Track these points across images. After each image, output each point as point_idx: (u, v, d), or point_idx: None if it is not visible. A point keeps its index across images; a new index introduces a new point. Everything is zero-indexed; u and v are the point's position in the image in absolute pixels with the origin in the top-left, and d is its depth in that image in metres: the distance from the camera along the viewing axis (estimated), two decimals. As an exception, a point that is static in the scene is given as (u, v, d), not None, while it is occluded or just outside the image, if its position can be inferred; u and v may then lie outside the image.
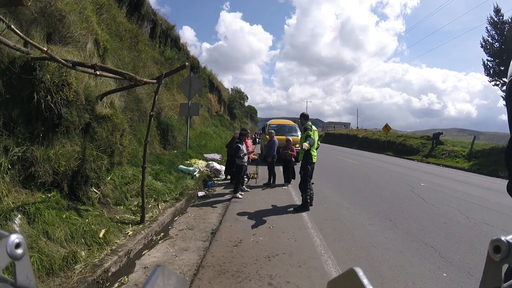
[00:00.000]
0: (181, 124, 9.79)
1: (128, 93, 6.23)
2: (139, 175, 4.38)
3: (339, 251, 3.23)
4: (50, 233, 2.61)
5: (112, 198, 3.92)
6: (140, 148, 5.17)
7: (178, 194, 5.13)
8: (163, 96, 8.89)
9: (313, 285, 2.50)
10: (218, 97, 23.82)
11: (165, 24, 12.68)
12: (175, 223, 4.18)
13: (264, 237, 3.60)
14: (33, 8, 3.36)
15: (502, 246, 0.23)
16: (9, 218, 2.44)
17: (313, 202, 5.13)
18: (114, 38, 6.70)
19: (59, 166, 3.12)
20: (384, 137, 23.26)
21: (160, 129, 8.04)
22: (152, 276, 0.22)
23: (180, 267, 2.83)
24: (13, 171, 2.76)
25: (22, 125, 2.94)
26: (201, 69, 17.78)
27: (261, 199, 5.67)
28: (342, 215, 4.61)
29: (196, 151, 9.50)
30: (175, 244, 3.40)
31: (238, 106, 32.80)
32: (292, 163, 7.14)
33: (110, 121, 3.98)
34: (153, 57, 10.21)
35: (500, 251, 0.23)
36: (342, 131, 43.15)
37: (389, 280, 2.58)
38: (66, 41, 3.86)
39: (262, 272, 2.70)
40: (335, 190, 6.62)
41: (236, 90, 35.52)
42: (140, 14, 10.02)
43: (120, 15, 8.25)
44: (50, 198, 2.98)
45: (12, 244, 0.21)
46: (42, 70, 3.06)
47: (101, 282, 2.43)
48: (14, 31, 2.63)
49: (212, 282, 2.52)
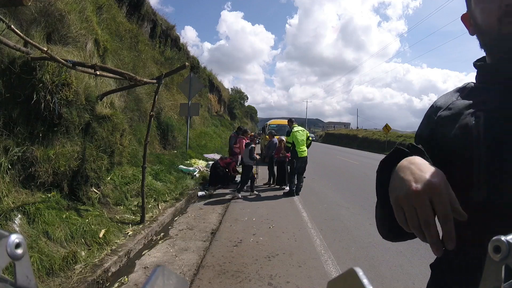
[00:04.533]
0: (181, 124, 9.79)
1: (128, 93, 6.23)
2: (139, 175, 4.37)
3: (339, 251, 3.23)
4: (50, 233, 2.61)
5: (112, 198, 3.92)
6: (140, 148, 5.17)
7: (178, 194, 5.13)
8: (163, 96, 8.88)
9: (313, 285, 2.50)
10: (218, 97, 23.82)
11: (165, 24, 12.68)
12: (175, 223, 4.18)
13: (264, 237, 3.60)
14: (33, 8, 3.36)
15: (502, 246, 0.23)
16: (9, 218, 2.44)
17: (313, 202, 5.24)
18: (114, 38, 6.70)
19: (59, 166, 3.12)
20: (384, 137, 23.27)
21: (160, 129, 8.03)
22: (152, 276, 0.22)
23: (180, 267, 2.83)
24: (13, 171, 2.76)
25: (22, 125, 2.94)
26: (201, 69, 17.78)
27: (261, 199, 5.67)
28: (342, 215, 4.62)
29: (196, 151, 9.50)
30: (175, 244, 3.40)
31: (238, 106, 32.80)
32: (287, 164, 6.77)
33: (110, 121, 3.98)
34: (153, 57, 10.21)
35: (500, 251, 0.23)
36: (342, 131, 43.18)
37: (389, 280, 2.58)
38: (66, 41, 3.86)
39: (262, 272, 2.71)
40: (335, 190, 6.62)
41: (236, 90, 35.51)
42: (140, 14, 10.01)
43: (120, 15, 8.25)
44: (50, 198, 2.98)
45: (12, 244, 0.21)
46: (42, 70, 3.05)
47: (101, 282, 2.43)
48: (14, 31, 2.63)
49: (212, 282, 2.52)
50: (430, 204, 0.43)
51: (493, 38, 0.56)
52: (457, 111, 0.60)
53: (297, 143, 5.86)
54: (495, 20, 0.54)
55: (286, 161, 6.71)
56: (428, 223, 0.43)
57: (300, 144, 5.87)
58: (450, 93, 0.67)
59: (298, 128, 6.10)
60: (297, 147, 5.84)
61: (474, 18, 0.59)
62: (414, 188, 0.44)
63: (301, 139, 5.92)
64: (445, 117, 0.61)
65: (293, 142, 5.90)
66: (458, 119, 0.58)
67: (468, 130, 0.55)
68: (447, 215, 0.42)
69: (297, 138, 5.86)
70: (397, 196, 0.47)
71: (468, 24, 0.63)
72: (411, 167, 0.48)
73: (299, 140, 5.88)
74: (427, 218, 0.43)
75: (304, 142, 5.98)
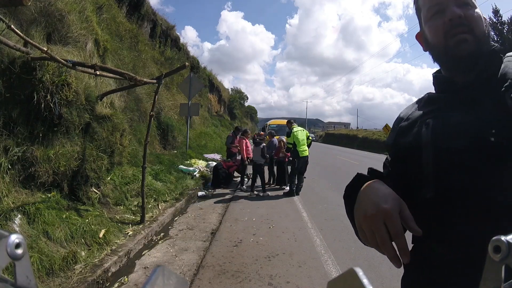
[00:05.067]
0: (181, 124, 9.78)
1: (128, 93, 6.23)
2: (139, 175, 4.37)
3: (339, 251, 3.23)
4: (50, 233, 2.60)
5: (112, 198, 3.92)
6: (140, 148, 5.17)
7: (178, 194, 5.13)
8: (163, 96, 8.89)
9: (313, 285, 2.50)
10: (218, 97, 23.81)
11: (165, 24, 12.68)
12: (175, 223, 4.18)
13: (264, 237, 3.60)
14: (33, 8, 3.36)
15: (502, 246, 0.23)
16: (9, 218, 2.44)
17: (313, 202, 5.24)
18: (114, 38, 6.70)
19: (59, 166, 3.12)
20: (384, 137, 23.28)
21: (160, 129, 8.03)
22: (152, 276, 0.22)
23: (180, 267, 2.83)
24: (13, 171, 2.76)
25: (22, 125, 2.94)
26: (201, 69, 17.78)
27: (261, 199, 5.67)
28: (342, 215, 4.59)
29: (196, 151, 9.49)
30: (175, 244, 3.40)
31: (238, 106, 32.78)
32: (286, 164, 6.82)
33: (110, 121, 3.98)
34: (153, 57, 10.21)
35: (500, 251, 0.23)
36: (342, 131, 43.17)
37: (389, 280, 2.58)
38: (66, 41, 3.86)
39: (262, 272, 2.71)
40: (335, 190, 6.62)
41: (236, 90, 35.49)
42: (140, 14, 10.01)
43: (120, 15, 8.25)
44: (50, 198, 2.98)
45: (12, 244, 0.21)
46: (42, 70, 3.05)
47: (101, 282, 2.43)
48: (14, 31, 2.62)
49: (212, 282, 2.52)
50: (385, 226, 0.49)
51: (441, 52, 0.62)
52: (413, 121, 0.66)
53: (298, 142, 5.91)
54: (441, 35, 0.59)
55: (285, 161, 6.72)
56: (384, 242, 0.49)
57: (301, 143, 5.93)
58: (411, 104, 0.74)
59: (298, 128, 6.18)
60: (298, 147, 5.90)
61: (425, 36, 0.66)
62: (369, 214, 0.52)
63: (302, 139, 5.98)
64: (403, 127, 0.68)
65: (294, 142, 5.95)
66: (413, 128, 0.65)
67: (419, 136, 0.61)
68: (398, 235, 0.48)
69: (297, 138, 5.94)
70: (358, 220, 0.55)
71: (421, 42, 0.69)
72: (368, 193, 0.55)
73: (300, 140, 5.94)
74: (382, 239, 0.49)
75: (305, 141, 6.04)
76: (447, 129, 0.57)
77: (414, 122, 0.66)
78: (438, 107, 0.63)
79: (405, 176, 0.63)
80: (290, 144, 6.09)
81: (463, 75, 0.61)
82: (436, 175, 0.56)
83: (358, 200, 0.57)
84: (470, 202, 0.52)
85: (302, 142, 5.97)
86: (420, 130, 0.61)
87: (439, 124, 0.59)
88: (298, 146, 5.90)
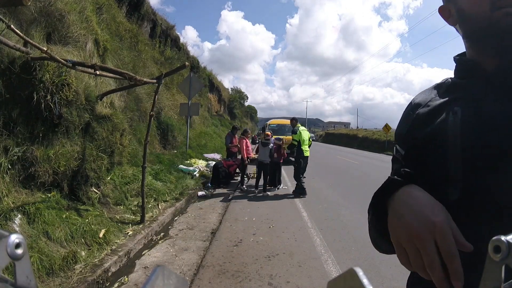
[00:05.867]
0: (181, 124, 9.78)
1: (128, 93, 6.23)
2: (139, 175, 4.37)
3: (339, 251, 3.23)
4: (50, 233, 2.60)
5: (112, 198, 3.92)
6: (140, 148, 5.17)
7: (178, 194, 5.13)
8: (163, 96, 8.88)
9: (313, 285, 2.50)
10: (218, 97, 23.81)
11: (165, 24, 12.67)
12: (175, 223, 4.18)
13: (264, 237, 3.60)
14: (33, 8, 3.36)
15: (502, 246, 0.23)
16: (9, 218, 2.44)
17: (313, 202, 5.23)
18: (114, 38, 6.70)
19: (59, 166, 3.12)
20: (384, 137, 23.27)
21: (160, 129, 8.03)
22: (152, 276, 0.22)
23: (180, 267, 2.83)
24: (13, 171, 2.76)
25: (22, 125, 2.94)
26: (201, 69, 17.78)
27: (261, 199, 5.67)
28: (342, 215, 4.62)
29: (196, 151, 9.50)
30: (175, 244, 3.40)
31: (238, 106, 32.77)
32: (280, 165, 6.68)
33: (110, 121, 3.98)
34: (153, 57, 10.20)
35: (500, 251, 0.23)
36: (342, 131, 43.18)
37: (389, 280, 2.58)
38: (66, 41, 3.86)
39: (262, 272, 2.71)
40: (335, 190, 6.62)
41: (236, 90, 35.49)
42: (140, 14, 10.01)
43: (120, 15, 8.25)
44: (50, 198, 2.98)
45: (12, 244, 0.21)
46: (42, 70, 3.05)
47: (101, 282, 2.43)
48: (14, 31, 2.62)
49: (212, 282, 2.52)
50: (435, 245, 0.40)
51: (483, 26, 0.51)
52: (434, 108, 0.57)
53: (303, 142, 5.93)
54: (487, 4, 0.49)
55: (280, 162, 6.58)
56: (433, 265, 0.39)
57: (305, 143, 5.97)
58: (428, 89, 0.64)
59: (303, 127, 6.20)
60: (302, 145, 5.92)
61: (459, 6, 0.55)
62: (416, 230, 0.41)
63: (306, 139, 6.03)
64: (422, 114, 0.59)
65: (299, 140, 5.94)
66: (436, 116, 0.56)
67: (445, 126, 0.52)
68: (453, 256, 0.39)
69: (303, 137, 5.95)
70: (397, 238, 0.44)
71: (447, 15, 0.59)
72: (409, 203, 0.45)
73: (305, 139, 5.97)
74: (432, 261, 0.39)
75: (307, 142, 6.08)
76: (479, 121, 0.49)
77: (435, 109, 0.56)
78: (465, 95, 0.54)
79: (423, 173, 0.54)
80: (295, 141, 6.04)
81: (497, 57, 0.52)
82: (465, 174, 0.49)
83: (393, 211, 0.47)
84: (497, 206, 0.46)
85: (306, 142, 6.01)
86: (446, 120, 0.53)
87: (470, 113, 0.50)
88: (303, 145, 5.93)
